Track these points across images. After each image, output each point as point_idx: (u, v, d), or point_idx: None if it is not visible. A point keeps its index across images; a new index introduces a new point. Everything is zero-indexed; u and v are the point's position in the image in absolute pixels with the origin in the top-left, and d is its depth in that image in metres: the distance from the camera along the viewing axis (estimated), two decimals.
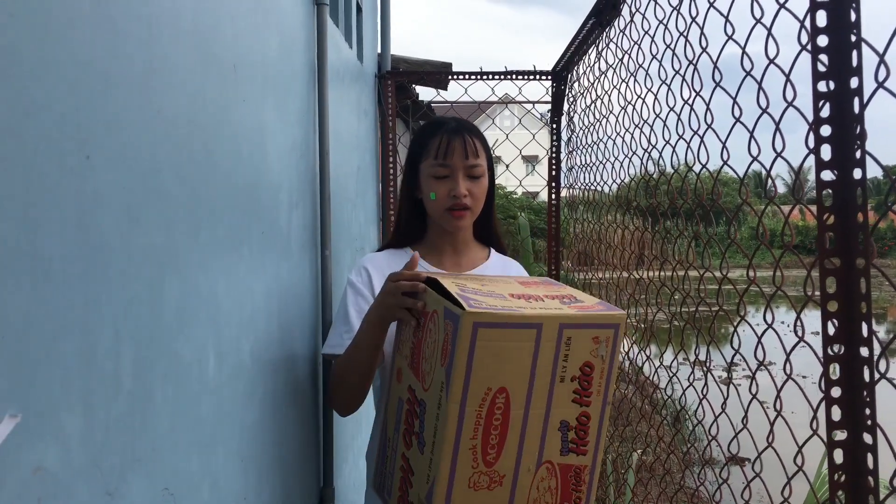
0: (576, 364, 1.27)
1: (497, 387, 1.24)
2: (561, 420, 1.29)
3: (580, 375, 1.28)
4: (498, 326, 1.22)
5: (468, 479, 1.26)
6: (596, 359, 1.28)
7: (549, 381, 1.26)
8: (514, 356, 1.24)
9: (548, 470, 1.31)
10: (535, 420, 1.27)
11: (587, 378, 1.28)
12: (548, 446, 1.29)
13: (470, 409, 1.23)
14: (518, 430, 1.27)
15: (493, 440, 1.27)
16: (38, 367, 0.75)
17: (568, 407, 1.29)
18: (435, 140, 1.65)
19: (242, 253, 1.41)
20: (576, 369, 1.27)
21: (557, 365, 1.26)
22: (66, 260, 0.81)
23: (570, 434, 1.30)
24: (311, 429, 1.96)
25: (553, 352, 1.25)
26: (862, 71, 0.93)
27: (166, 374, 1.06)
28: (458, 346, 1.21)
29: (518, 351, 1.24)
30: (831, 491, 1.00)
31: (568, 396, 1.28)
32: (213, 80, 1.26)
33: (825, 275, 0.99)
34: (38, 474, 0.74)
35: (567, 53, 3.12)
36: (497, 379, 1.24)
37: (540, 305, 1.28)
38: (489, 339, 1.21)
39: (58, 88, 0.80)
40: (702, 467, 1.85)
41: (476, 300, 1.24)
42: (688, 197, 1.78)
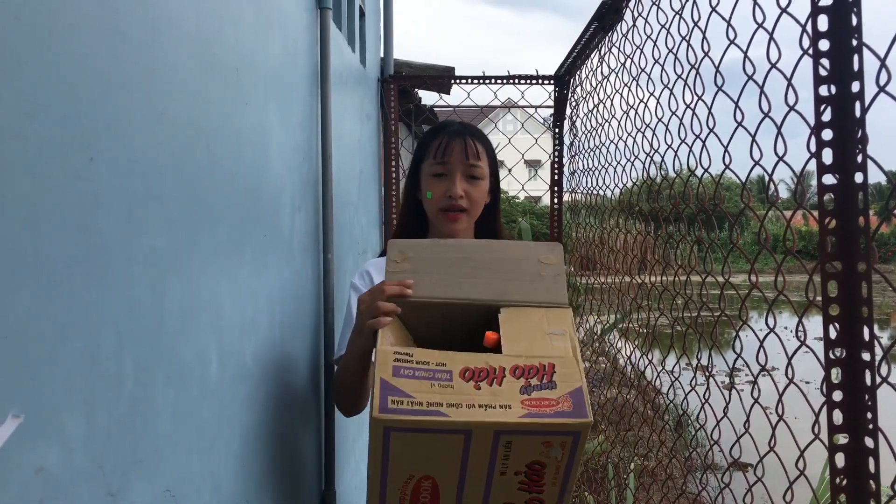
0: (520, 462, 1.13)
1: (421, 474, 1.14)
2: (504, 503, 1.17)
3: (526, 471, 1.14)
4: (417, 431, 1.09)
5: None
6: (548, 459, 1.13)
7: (486, 474, 1.14)
8: (440, 453, 1.12)
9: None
10: (470, 502, 1.16)
11: (536, 474, 1.14)
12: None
13: (392, 489, 1.15)
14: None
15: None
16: (41, 369, 0.75)
17: (512, 494, 1.16)
18: (436, 141, 1.66)
19: (244, 256, 1.41)
20: (521, 466, 1.13)
21: (496, 464, 1.13)
22: (69, 262, 0.81)
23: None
24: (312, 431, 1.96)
25: (488, 454, 1.12)
26: (863, 75, 0.93)
27: (168, 377, 1.06)
28: (372, 442, 1.10)
29: (444, 450, 1.11)
30: (833, 495, 1.00)
31: (513, 485, 1.15)
32: (215, 83, 1.27)
33: (827, 279, 0.99)
34: (41, 475, 0.74)
35: (569, 58, 3.12)
36: (420, 468, 1.14)
37: (485, 396, 1.11)
38: (406, 440, 1.10)
39: (60, 91, 0.80)
40: (704, 472, 1.85)
41: (400, 391, 1.11)
42: (690, 201, 1.78)
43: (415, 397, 1.10)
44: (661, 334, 2.62)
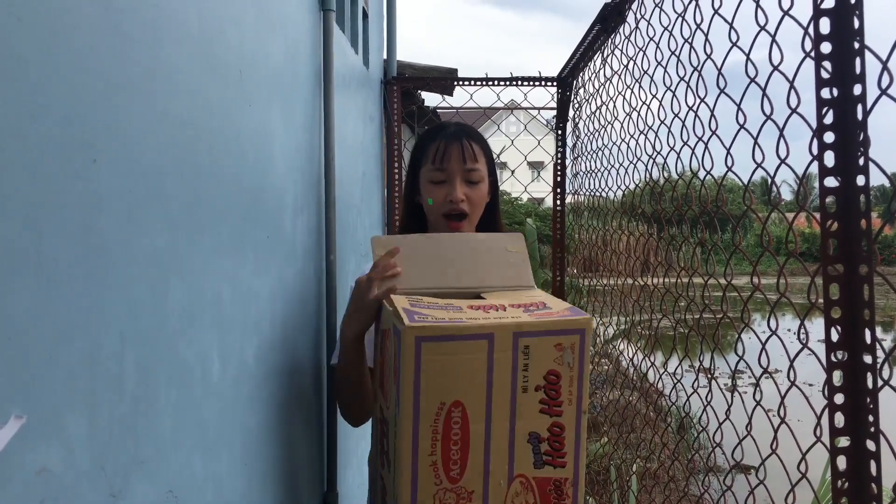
0: (538, 373, 1.21)
1: (451, 401, 1.20)
2: (530, 432, 1.23)
3: (545, 385, 1.22)
4: (444, 340, 1.17)
5: (433, 496, 1.22)
6: (562, 367, 1.22)
7: (510, 392, 1.21)
8: (467, 369, 1.19)
9: (522, 485, 1.25)
10: (499, 433, 1.22)
11: (554, 387, 1.22)
12: (518, 460, 1.24)
13: (424, 425, 1.19)
14: (481, 445, 1.22)
15: (454, 455, 1.22)
16: (42, 369, 0.76)
17: (536, 418, 1.23)
18: (433, 145, 1.66)
19: (247, 257, 1.41)
20: (539, 378, 1.22)
21: (517, 375, 1.21)
22: (70, 262, 0.81)
23: (542, 446, 1.24)
24: (315, 433, 1.96)
25: (510, 362, 1.20)
26: (865, 78, 0.93)
27: (170, 377, 1.06)
28: (404, 362, 1.17)
29: (470, 363, 1.19)
30: (834, 498, 1.00)
31: (534, 407, 1.22)
32: (217, 84, 1.27)
33: (828, 281, 0.99)
34: (42, 475, 0.75)
35: (572, 60, 3.12)
36: (450, 393, 1.19)
37: (496, 315, 1.23)
38: (436, 352, 1.17)
39: (62, 92, 0.80)
40: (706, 475, 1.85)
41: (422, 314, 1.20)
42: (692, 203, 1.77)
43: (437, 315, 1.21)
44: (664, 336, 2.62)
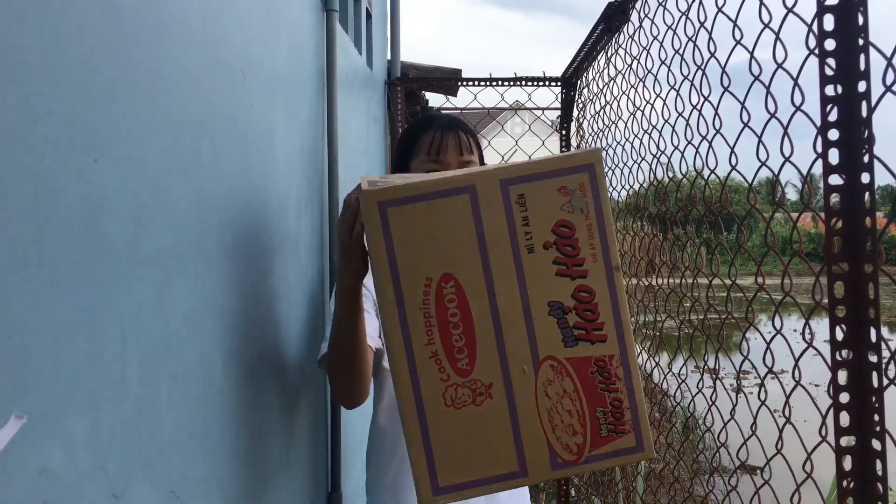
0: (544, 227, 1.01)
1: (439, 274, 1.01)
2: (549, 301, 1.02)
3: (557, 240, 1.01)
4: (414, 201, 0.99)
5: (441, 395, 1.02)
6: (573, 214, 1.00)
7: (511, 254, 1.01)
8: (449, 233, 1.00)
9: (553, 368, 1.03)
10: (509, 307, 1.02)
11: (569, 241, 1.01)
12: (542, 338, 1.03)
13: (411, 309, 1.01)
14: (489, 324, 1.02)
15: (457, 342, 1.02)
16: (44, 370, 0.76)
17: (553, 283, 1.02)
18: (427, 136, 1.58)
19: (250, 258, 1.41)
20: (547, 233, 1.01)
21: (516, 232, 1.01)
22: (73, 263, 0.81)
23: (569, 318, 1.02)
24: (319, 433, 1.96)
25: (503, 217, 1.00)
26: (870, 74, 0.92)
27: (173, 378, 1.06)
28: (372, 239, 1.00)
29: (452, 225, 1.00)
30: (840, 498, 0.99)
31: (548, 270, 1.01)
32: (221, 85, 1.27)
33: (833, 280, 0.98)
34: (44, 476, 0.75)
35: (576, 59, 3.12)
36: (435, 265, 1.01)
37: (482, 170, 1.05)
38: (406, 217, 0.99)
39: (65, 93, 0.80)
40: (710, 475, 1.84)
41: (388, 182, 1.02)
42: (696, 203, 1.77)
43: (403, 181, 1.03)
44: (669, 337, 2.61)
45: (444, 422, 1.03)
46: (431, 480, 1.04)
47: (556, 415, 1.03)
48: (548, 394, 1.03)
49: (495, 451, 1.03)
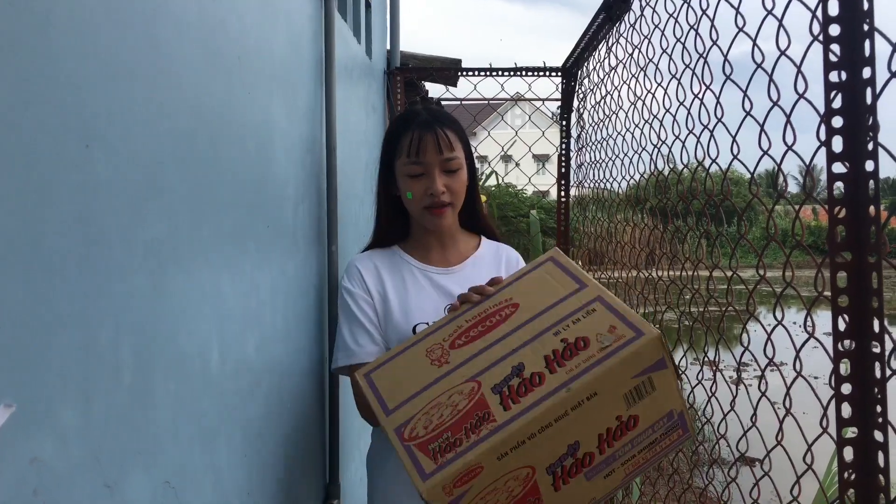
0: (574, 332, 1.23)
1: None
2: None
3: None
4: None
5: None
6: (594, 341, 1.20)
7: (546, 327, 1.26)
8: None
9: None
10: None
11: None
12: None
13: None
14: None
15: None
16: (36, 359, 0.74)
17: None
18: (406, 137, 1.58)
19: (247, 247, 1.40)
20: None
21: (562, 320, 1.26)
22: (66, 252, 0.80)
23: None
24: (316, 425, 1.95)
25: (570, 307, 1.27)
26: (875, 61, 0.91)
27: (168, 368, 1.05)
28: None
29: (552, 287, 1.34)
30: (841, 489, 0.98)
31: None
32: (218, 72, 1.26)
33: (836, 269, 0.97)
34: (35, 465, 0.74)
35: (577, 49, 3.10)
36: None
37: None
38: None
39: (58, 79, 0.79)
40: (710, 466, 1.83)
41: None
42: (697, 194, 1.76)
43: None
44: (669, 329, 2.60)
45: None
46: None
47: None
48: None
49: None
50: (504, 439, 1.13)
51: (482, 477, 1.13)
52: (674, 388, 1.19)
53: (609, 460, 1.20)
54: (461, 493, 1.12)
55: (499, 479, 1.14)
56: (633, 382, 1.16)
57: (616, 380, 1.16)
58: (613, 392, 1.16)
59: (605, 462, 1.20)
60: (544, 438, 1.14)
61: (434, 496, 1.11)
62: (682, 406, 1.22)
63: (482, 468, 1.12)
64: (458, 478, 1.11)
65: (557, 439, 1.16)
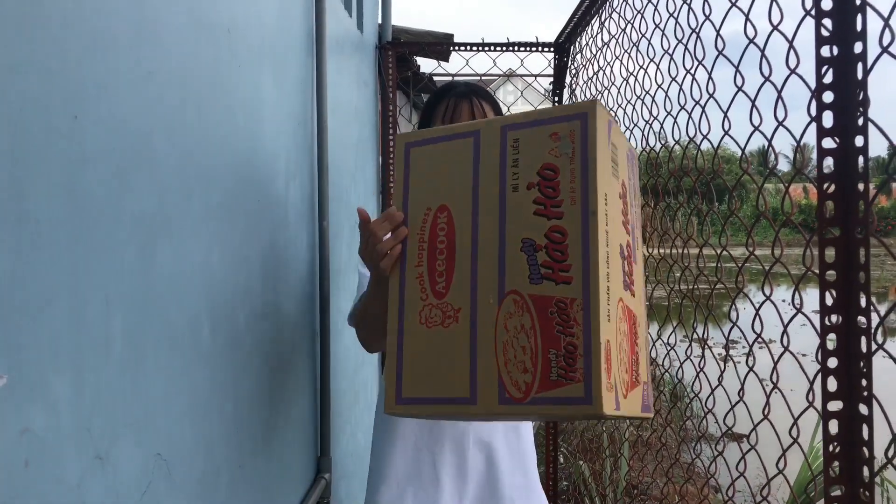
0: (531, 168, 1.06)
1: (437, 205, 1.15)
2: (523, 238, 1.06)
3: (540, 181, 1.05)
4: (431, 142, 1.19)
5: (419, 312, 1.13)
6: (559, 158, 1.04)
7: (498, 191, 1.09)
8: (453, 170, 1.14)
9: (515, 303, 1.05)
10: (487, 240, 1.09)
11: (550, 184, 1.04)
12: (510, 272, 1.06)
13: (411, 233, 1.17)
14: (468, 255, 1.10)
15: (439, 266, 1.12)
16: (25, 331, 0.74)
17: (529, 221, 1.05)
18: (442, 105, 1.61)
19: (237, 221, 1.40)
20: (532, 174, 1.06)
21: (506, 172, 1.08)
22: (54, 223, 0.80)
23: (539, 255, 1.04)
24: (308, 398, 1.96)
25: (498, 158, 1.09)
26: (866, 36, 0.91)
27: (158, 341, 1.05)
28: (396, 170, 1.22)
29: (456, 164, 1.14)
30: (826, 462, 1.00)
31: (527, 208, 1.06)
32: (206, 44, 1.24)
33: (824, 244, 0.97)
34: (26, 436, 0.74)
35: (570, 24, 3.08)
36: (436, 197, 1.15)
37: (492, 118, 1.17)
38: (423, 155, 1.19)
39: (44, 47, 0.78)
40: (698, 441, 1.85)
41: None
42: (688, 171, 1.76)
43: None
44: (658, 306, 2.61)
45: (416, 337, 1.13)
46: (397, 390, 1.14)
47: (511, 349, 1.04)
48: (507, 327, 1.05)
49: (453, 374, 1.09)
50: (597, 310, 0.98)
51: (614, 349, 1.01)
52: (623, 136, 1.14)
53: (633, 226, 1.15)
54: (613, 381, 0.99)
55: (618, 340, 1.03)
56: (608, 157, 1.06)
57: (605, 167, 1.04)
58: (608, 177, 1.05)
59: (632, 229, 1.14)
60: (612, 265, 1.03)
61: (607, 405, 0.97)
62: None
63: (609, 343, 0.99)
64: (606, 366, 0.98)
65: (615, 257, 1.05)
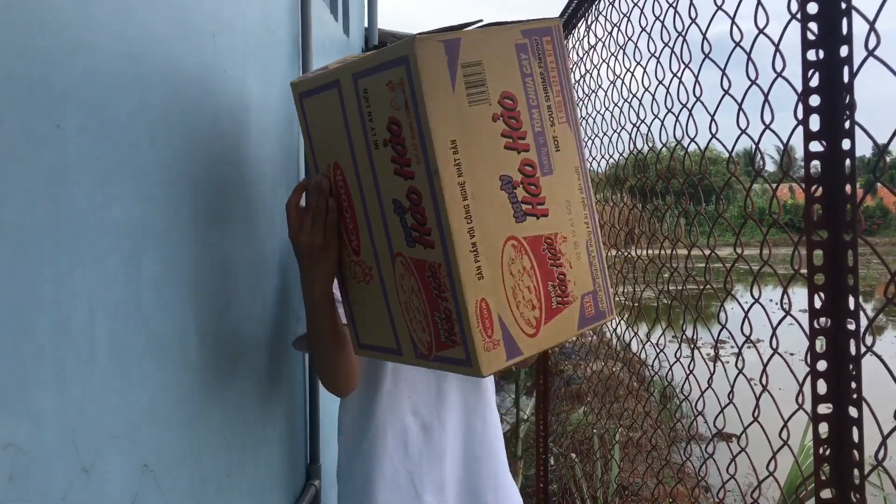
0: (381, 123, 1.00)
1: (332, 161, 1.12)
2: (393, 199, 1.03)
3: (390, 137, 0.99)
4: (314, 93, 1.13)
5: (350, 267, 1.17)
6: (398, 111, 0.96)
7: (366, 149, 1.04)
8: (333, 124, 1.08)
9: (403, 265, 1.04)
10: (370, 199, 1.07)
11: (398, 139, 0.98)
12: (393, 234, 1.05)
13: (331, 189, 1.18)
14: (362, 214, 1.10)
15: (349, 224, 1.13)
16: (8, 342, 0.73)
17: (392, 182, 1.01)
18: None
19: (224, 228, 1.39)
20: (383, 130, 1.00)
21: (366, 127, 1.03)
22: (36, 233, 0.78)
23: (406, 218, 1.00)
24: (297, 406, 1.95)
25: (357, 111, 1.03)
26: (852, 39, 0.91)
27: (144, 350, 1.04)
28: (300, 121, 1.20)
29: (331, 118, 1.08)
30: (816, 464, 1.00)
31: (388, 168, 1.01)
32: (191, 49, 1.23)
33: (812, 247, 0.98)
34: (9, 450, 0.73)
35: None
36: (330, 153, 1.13)
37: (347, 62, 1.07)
38: (312, 107, 1.15)
39: (25, 54, 0.77)
40: (688, 443, 1.86)
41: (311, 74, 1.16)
42: (676, 172, 1.76)
43: (315, 73, 1.15)
44: (647, 307, 2.62)
45: (354, 291, 1.18)
46: (354, 335, 1.23)
47: (411, 308, 1.05)
48: (403, 287, 1.05)
49: (381, 327, 1.14)
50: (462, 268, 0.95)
51: (493, 303, 0.98)
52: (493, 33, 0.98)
53: (539, 141, 1.01)
54: (500, 334, 0.98)
55: (505, 286, 0.99)
56: (461, 88, 0.94)
57: (447, 109, 0.94)
58: (461, 117, 0.95)
59: (539, 146, 1.01)
60: (480, 221, 0.96)
61: (488, 366, 0.97)
62: (519, 27, 0.99)
63: (484, 300, 0.97)
64: (482, 327, 0.96)
65: (488, 203, 0.97)
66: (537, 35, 1.01)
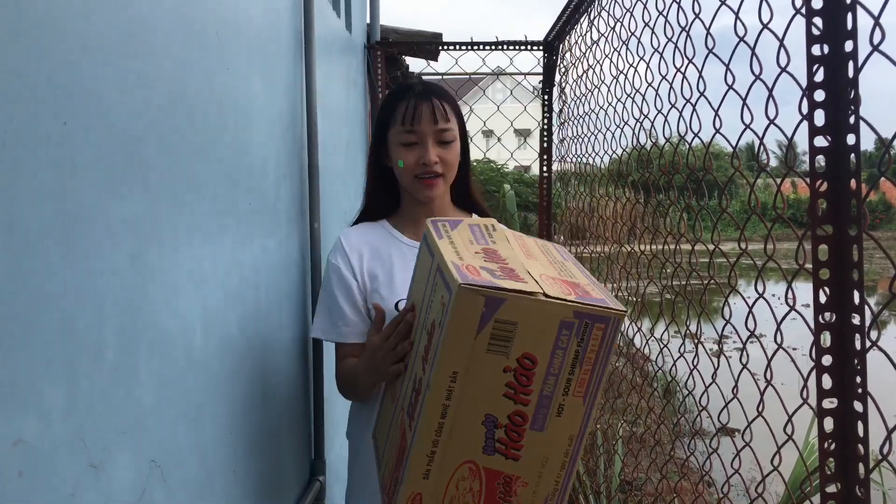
0: (429, 318, 1.08)
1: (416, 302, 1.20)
2: (414, 373, 1.12)
3: (429, 332, 1.06)
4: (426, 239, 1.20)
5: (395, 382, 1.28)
6: (437, 320, 1.04)
7: (422, 322, 1.13)
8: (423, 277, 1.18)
9: (399, 417, 1.16)
10: (413, 356, 1.17)
11: (430, 339, 1.05)
12: (405, 393, 1.15)
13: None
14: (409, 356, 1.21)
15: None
16: (17, 340, 0.74)
17: (419, 361, 1.10)
18: (402, 105, 1.55)
19: (228, 225, 1.39)
20: (429, 324, 1.08)
21: (426, 308, 1.11)
22: (44, 230, 0.79)
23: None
24: (301, 402, 1.96)
25: (429, 291, 1.11)
26: (857, 34, 0.91)
27: (151, 347, 1.04)
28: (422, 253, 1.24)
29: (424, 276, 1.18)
30: (821, 459, 1.00)
31: (421, 351, 1.09)
32: (195, 46, 1.23)
33: (817, 242, 0.98)
34: (19, 447, 0.73)
35: (559, 22, 3.08)
36: (417, 293, 1.21)
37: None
38: (424, 248, 1.21)
39: (31, 54, 0.77)
40: (692, 438, 1.86)
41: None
42: (679, 167, 1.76)
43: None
44: (651, 302, 2.62)
45: (387, 401, 1.31)
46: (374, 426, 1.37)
47: (393, 447, 1.19)
48: (393, 429, 1.19)
49: (381, 438, 1.30)
50: (414, 462, 1.07)
51: (426, 499, 1.09)
52: (541, 305, 0.99)
53: (543, 402, 1.04)
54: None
55: (447, 492, 1.08)
56: (485, 337, 0.99)
57: (462, 349, 1.00)
58: (472, 358, 1.00)
59: (541, 406, 1.04)
60: (450, 438, 1.05)
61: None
62: (573, 307, 1.01)
63: (420, 494, 1.09)
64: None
65: (465, 429, 1.05)
66: (590, 319, 1.03)
